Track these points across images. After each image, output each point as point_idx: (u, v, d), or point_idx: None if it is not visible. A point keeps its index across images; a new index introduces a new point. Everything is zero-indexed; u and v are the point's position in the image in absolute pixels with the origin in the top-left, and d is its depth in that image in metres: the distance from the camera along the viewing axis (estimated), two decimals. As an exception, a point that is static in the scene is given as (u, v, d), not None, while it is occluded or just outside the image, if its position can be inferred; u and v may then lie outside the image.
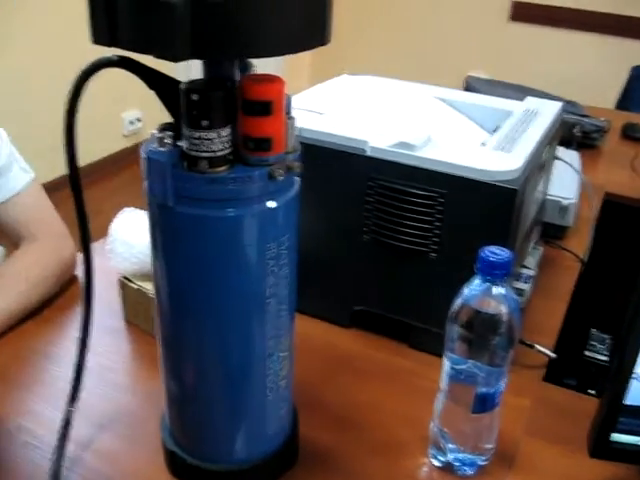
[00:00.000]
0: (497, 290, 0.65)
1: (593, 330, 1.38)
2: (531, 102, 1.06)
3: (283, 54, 0.49)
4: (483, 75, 3.69)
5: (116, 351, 0.92)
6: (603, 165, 1.67)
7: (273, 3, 0.47)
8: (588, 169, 1.51)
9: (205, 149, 0.52)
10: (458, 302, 0.66)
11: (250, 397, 0.65)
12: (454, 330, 0.67)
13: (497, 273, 0.64)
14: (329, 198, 0.88)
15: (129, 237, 0.90)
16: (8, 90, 2.79)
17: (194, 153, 0.52)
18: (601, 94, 2.76)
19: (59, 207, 1.11)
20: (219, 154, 0.52)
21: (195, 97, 0.51)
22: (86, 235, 0.63)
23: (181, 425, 0.69)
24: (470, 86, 1.81)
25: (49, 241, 1.03)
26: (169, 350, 0.65)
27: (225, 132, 0.52)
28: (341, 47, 3.78)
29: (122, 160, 3.39)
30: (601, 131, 1.73)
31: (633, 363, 0.72)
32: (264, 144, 0.53)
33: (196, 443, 0.69)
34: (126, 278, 0.93)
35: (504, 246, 0.79)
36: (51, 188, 1.38)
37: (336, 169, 0.85)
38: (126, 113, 3.43)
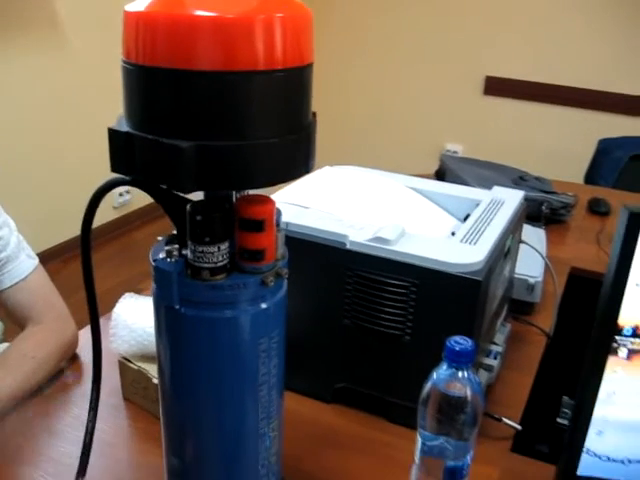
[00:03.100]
0: (462, 374, 0.73)
1: (565, 397, 1.45)
2: (497, 191, 1.16)
3: (275, 185, 0.58)
4: (459, 146, 3.85)
5: (116, 427, 0.98)
6: (570, 240, 1.77)
7: (267, 147, 0.57)
8: (555, 244, 1.61)
9: (207, 261, 0.61)
10: (428, 386, 0.74)
11: (244, 472, 0.72)
12: (425, 411, 0.75)
13: (462, 360, 0.72)
14: (313, 285, 0.96)
15: (130, 321, 0.98)
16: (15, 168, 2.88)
17: (197, 264, 0.61)
18: (571, 166, 2.89)
19: (57, 275, 1.19)
20: (219, 265, 0.61)
21: (199, 218, 0.60)
22: (96, 329, 0.72)
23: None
24: (444, 164, 1.92)
25: (52, 323, 1.10)
26: (171, 429, 0.72)
27: (224, 246, 0.61)
28: (326, 131, 3.92)
29: (112, 232, 3.48)
30: (568, 207, 1.82)
31: (584, 434, 0.81)
32: (258, 255, 0.62)
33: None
34: (125, 359, 1.00)
35: (471, 330, 0.88)
36: (49, 256, 1.47)
37: (319, 260, 0.94)
38: (115, 186, 3.49)
